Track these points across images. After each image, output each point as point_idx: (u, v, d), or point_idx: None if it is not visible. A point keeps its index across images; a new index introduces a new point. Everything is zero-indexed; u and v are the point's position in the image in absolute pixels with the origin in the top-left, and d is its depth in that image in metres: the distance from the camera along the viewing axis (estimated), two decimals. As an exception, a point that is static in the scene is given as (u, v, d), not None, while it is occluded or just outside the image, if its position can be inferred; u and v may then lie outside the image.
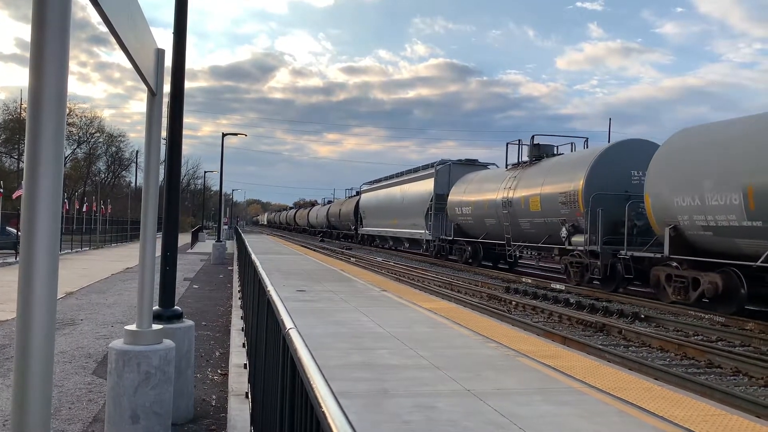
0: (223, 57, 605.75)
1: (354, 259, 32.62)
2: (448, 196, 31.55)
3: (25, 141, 1.64)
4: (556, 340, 10.44)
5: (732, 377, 9.04)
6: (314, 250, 37.88)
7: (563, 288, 19.27)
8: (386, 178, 46.99)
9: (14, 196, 31.49)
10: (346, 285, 15.00)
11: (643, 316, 13.99)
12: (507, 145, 26.76)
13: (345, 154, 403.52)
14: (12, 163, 58.83)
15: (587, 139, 24.58)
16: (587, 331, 12.61)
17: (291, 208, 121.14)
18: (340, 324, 9.17)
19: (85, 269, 22.01)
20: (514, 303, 16.37)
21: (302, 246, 43.60)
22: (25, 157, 1.65)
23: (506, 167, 26.82)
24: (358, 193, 57.72)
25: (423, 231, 34.98)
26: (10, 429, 1.64)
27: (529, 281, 21.58)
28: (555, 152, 24.52)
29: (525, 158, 25.60)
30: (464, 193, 29.27)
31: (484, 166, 34.31)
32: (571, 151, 24.04)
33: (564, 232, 20.24)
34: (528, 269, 28.44)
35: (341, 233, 63.74)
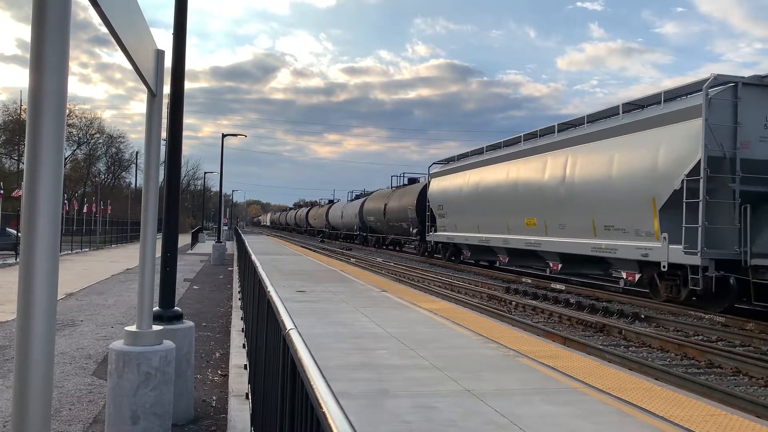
0: (224, 57, 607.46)
1: (354, 260, 32.61)
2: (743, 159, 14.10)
3: (25, 142, 1.64)
4: (556, 340, 10.44)
5: (732, 377, 9.04)
6: (314, 251, 37.91)
7: (563, 288, 19.24)
8: (494, 148, 26.99)
9: (14, 194, 31.51)
10: (346, 285, 15.00)
11: (643, 316, 13.99)
12: None
13: (346, 155, 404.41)
14: (12, 164, 58.82)
15: None
16: (587, 331, 12.61)
17: (299, 207, 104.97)
18: (340, 324, 9.17)
19: (85, 270, 22.00)
20: (514, 303, 16.36)
21: (302, 247, 43.62)
22: (25, 159, 1.65)
23: None
24: (412, 181, 41.76)
25: (650, 245, 15.80)
26: (10, 430, 1.63)
27: (529, 281, 21.56)
28: None
29: None
30: None
31: None
32: None
33: None
34: None
35: (387, 239, 44.91)
